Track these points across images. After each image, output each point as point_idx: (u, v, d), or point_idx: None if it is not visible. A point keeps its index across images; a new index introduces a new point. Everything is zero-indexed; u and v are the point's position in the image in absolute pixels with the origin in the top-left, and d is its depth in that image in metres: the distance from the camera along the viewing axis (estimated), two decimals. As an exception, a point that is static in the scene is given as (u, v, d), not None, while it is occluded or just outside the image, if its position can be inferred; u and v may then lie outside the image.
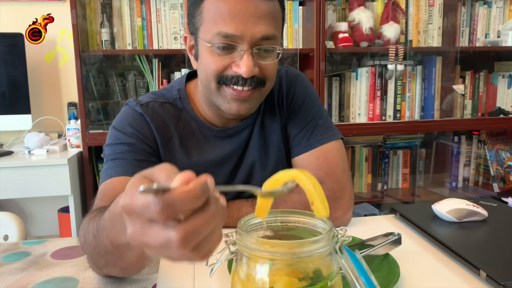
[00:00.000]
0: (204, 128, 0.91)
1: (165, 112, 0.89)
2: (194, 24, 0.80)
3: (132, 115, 0.87)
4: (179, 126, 0.89)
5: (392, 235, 0.71)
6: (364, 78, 2.12)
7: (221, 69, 0.78)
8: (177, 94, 0.92)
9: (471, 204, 0.85)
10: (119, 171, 0.79)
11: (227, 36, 0.75)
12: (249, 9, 0.74)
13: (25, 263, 0.74)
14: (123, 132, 0.85)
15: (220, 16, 0.74)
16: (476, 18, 2.22)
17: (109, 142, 0.85)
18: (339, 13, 2.12)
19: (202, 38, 0.78)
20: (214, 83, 0.79)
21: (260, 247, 0.41)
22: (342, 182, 0.88)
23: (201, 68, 0.82)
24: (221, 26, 0.74)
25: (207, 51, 0.78)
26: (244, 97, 0.80)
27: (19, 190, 1.78)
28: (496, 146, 2.36)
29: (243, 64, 0.75)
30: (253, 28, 0.74)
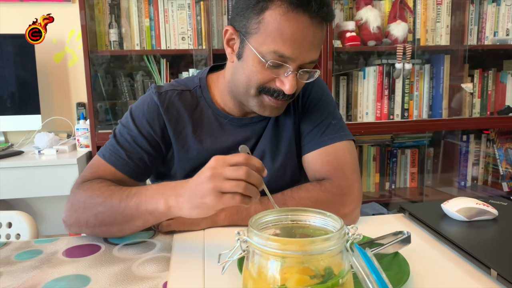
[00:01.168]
0: (220, 115, 0.95)
1: (182, 101, 0.94)
2: (247, 27, 0.81)
3: (148, 104, 0.93)
4: (195, 113, 0.94)
5: (401, 234, 0.71)
6: (371, 77, 2.12)
7: (265, 81, 0.83)
8: (198, 83, 0.97)
9: (481, 203, 0.84)
10: (111, 159, 0.88)
11: (282, 56, 0.78)
12: (308, 36, 0.78)
13: (37, 261, 0.74)
14: (135, 120, 0.91)
15: (280, 36, 0.77)
16: (485, 16, 2.20)
17: (122, 121, 0.94)
18: (347, 12, 2.12)
19: (254, 46, 0.80)
20: (254, 90, 0.84)
21: (271, 245, 0.41)
22: (351, 179, 0.89)
23: (244, 71, 0.84)
24: (279, 46, 0.77)
25: (256, 60, 0.81)
26: (278, 105, 0.87)
27: (29, 190, 1.80)
28: (505, 145, 2.34)
29: (288, 83, 0.81)
30: (306, 54, 0.79)
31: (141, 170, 0.90)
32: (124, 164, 0.88)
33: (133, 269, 0.70)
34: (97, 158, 0.90)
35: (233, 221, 0.86)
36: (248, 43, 0.81)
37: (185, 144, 0.93)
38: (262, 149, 0.96)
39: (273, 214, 0.48)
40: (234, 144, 0.94)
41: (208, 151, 0.92)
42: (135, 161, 0.89)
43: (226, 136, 0.94)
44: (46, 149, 1.88)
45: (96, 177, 0.85)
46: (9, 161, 1.78)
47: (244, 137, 0.95)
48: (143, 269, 0.70)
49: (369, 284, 0.41)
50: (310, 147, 0.94)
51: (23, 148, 2.02)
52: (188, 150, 0.93)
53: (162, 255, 0.75)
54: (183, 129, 0.93)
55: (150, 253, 0.77)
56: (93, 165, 0.89)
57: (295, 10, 0.76)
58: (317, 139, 0.93)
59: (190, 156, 0.93)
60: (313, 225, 0.48)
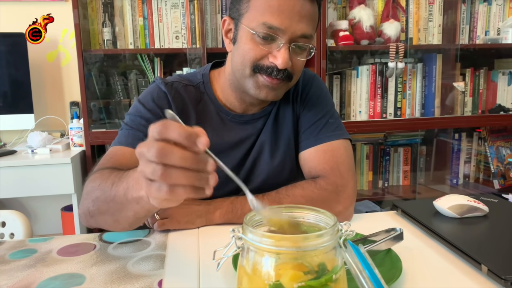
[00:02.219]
0: (222, 111, 0.96)
1: (187, 94, 0.95)
2: (239, 10, 0.85)
3: (157, 92, 0.93)
4: (198, 108, 0.95)
5: (394, 230, 0.72)
6: (364, 76, 2.13)
7: (258, 58, 0.84)
8: (201, 79, 0.98)
9: (472, 200, 0.86)
10: (129, 142, 0.86)
11: (271, 28, 0.80)
12: (296, 7, 0.80)
13: (31, 260, 0.74)
14: (145, 105, 0.91)
15: (268, 8, 0.80)
16: (476, 15, 2.23)
17: (131, 112, 0.93)
18: (340, 11, 2.13)
19: (245, 24, 0.83)
20: (249, 69, 0.85)
21: (266, 241, 0.42)
22: (346, 177, 0.90)
23: (238, 52, 0.86)
24: (268, 18, 0.80)
25: (248, 37, 0.83)
26: (274, 85, 0.86)
27: (23, 189, 1.79)
28: (496, 143, 2.37)
29: (280, 56, 0.81)
30: (296, 25, 0.80)
31: None
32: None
33: (128, 267, 0.71)
34: (112, 148, 0.87)
35: (228, 219, 0.86)
36: (241, 23, 0.84)
37: None
38: (261, 146, 0.97)
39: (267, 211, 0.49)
40: (235, 140, 0.95)
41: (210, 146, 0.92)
42: None
43: (227, 132, 0.95)
44: (40, 149, 1.87)
45: (112, 164, 0.81)
46: (2, 160, 1.77)
47: (246, 134, 0.96)
48: (138, 267, 0.71)
49: (362, 280, 0.42)
50: (307, 145, 0.95)
51: (16, 148, 2.00)
52: None
53: (157, 253, 0.76)
54: (187, 121, 0.94)
55: (145, 251, 0.77)
56: (109, 154, 0.86)
57: None
58: (314, 137, 0.95)
59: None
60: (306, 222, 0.49)
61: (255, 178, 0.96)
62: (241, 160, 0.96)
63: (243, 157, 0.96)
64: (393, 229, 0.72)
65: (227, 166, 0.53)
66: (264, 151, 0.96)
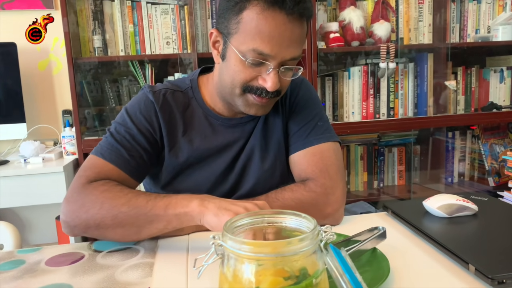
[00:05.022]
0: (210, 115, 0.96)
1: (175, 101, 0.95)
2: (228, 28, 0.83)
3: (144, 102, 0.93)
4: (186, 113, 0.95)
5: (377, 229, 0.72)
6: (356, 77, 2.14)
7: (248, 80, 0.84)
8: (189, 84, 0.98)
9: (461, 199, 0.86)
10: (112, 158, 0.86)
11: (261, 54, 0.80)
12: (286, 33, 0.79)
13: (19, 271, 0.74)
14: (132, 118, 0.91)
15: (259, 34, 0.79)
16: (466, 14, 2.23)
17: (118, 120, 0.93)
18: (330, 13, 2.14)
19: (235, 46, 0.82)
20: (239, 89, 0.86)
21: (245, 248, 0.42)
22: (335, 180, 0.90)
23: (228, 71, 0.86)
24: (258, 44, 0.79)
25: (238, 60, 0.82)
26: (263, 103, 0.87)
27: (16, 199, 1.78)
28: (490, 140, 2.37)
29: (270, 80, 0.82)
30: (286, 51, 0.80)
31: (142, 168, 0.90)
32: (126, 163, 0.87)
33: (116, 276, 0.70)
34: (95, 158, 0.87)
35: None
36: (230, 43, 0.83)
37: (175, 144, 0.93)
38: (251, 149, 0.96)
39: (249, 217, 0.49)
40: (224, 144, 0.95)
41: (197, 151, 0.94)
42: (136, 159, 0.88)
43: (216, 136, 0.95)
44: (32, 158, 1.87)
45: (102, 178, 0.84)
46: (-5, 170, 1.76)
47: (234, 137, 0.96)
48: (126, 275, 0.70)
49: (342, 284, 0.42)
50: (296, 148, 0.95)
51: (8, 157, 1.99)
52: (178, 151, 0.93)
53: (146, 261, 0.75)
54: (175, 129, 0.94)
55: (134, 259, 0.76)
56: (95, 165, 0.86)
57: (271, 8, 0.77)
58: (303, 140, 0.95)
59: (180, 157, 0.93)
60: (288, 227, 0.48)
61: (245, 182, 0.95)
62: (230, 163, 0.96)
63: (232, 161, 0.96)
64: (376, 228, 0.73)
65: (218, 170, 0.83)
66: (254, 155, 0.96)
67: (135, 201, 0.77)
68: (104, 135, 0.92)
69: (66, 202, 0.82)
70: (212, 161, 0.94)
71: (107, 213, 0.77)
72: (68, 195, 0.82)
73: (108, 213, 0.77)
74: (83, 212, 0.79)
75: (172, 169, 0.95)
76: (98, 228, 0.78)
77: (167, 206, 0.75)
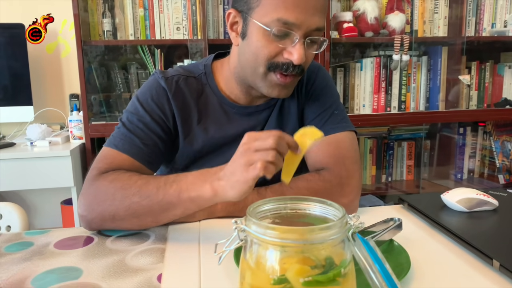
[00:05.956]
0: (225, 103, 0.93)
1: (188, 87, 0.92)
2: (248, 3, 0.80)
3: (156, 88, 0.90)
4: (200, 101, 0.92)
5: (392, 221, 0.70)
6: (368, 69, 2.10)
7: (273, 55, 0.80)
8: (203, 69, 0.95)
9: (481, 193, 0.83)
10: (126, 148, 0.83)
11: (286, 23, 0.77)
12: (310, 1, 0.77)
13: (28, 253, 0.72)
14: (144, 106, 0.88)
15: (282, 3, 0.76)
16: (483, 7, 2.18)
17: (129, 109, 0.89)
18: (344, 2, 2.09)
19: (257, 19, 0.79)
20: (263, 67, 0.82)
21: (270, 233, 0.39)
22: (350, 170, 0.87)
23: (250, 48, 0.82)
24: (282, 13, 0.76)
25: (260, 34, 0.79)
26: (287, 83, 0.84)
27: (22, 182, 1.77)
28: (501, 137, 2.34)
29: (296, 52, 0.78)
30: (311, 19, 0.77)
31: (157, 157, 0.87)
32: (140, 152, 0.84)
33: (126, 261, 0.68)
34: (108, 149, 0.84)
35: (230, 212, 0.84)
36: (251, 18, 0.80)
37: (190, 133, 0.91)
38: None
39: (272, 202, 0.46)
40: (239, 132, 0.92)
41: (212, 139, 0.91)
42: (151, 148, 0.85)
43: (231, 124, 0.93)
44: (39, 141, 1.85)
45: (114, 168, 0.80)
46: (1, 153, 1.75)
47: (249, 126, 0.94)
48: (137, 261, 0.68)
49: (372, 275, 0.40)
50: None
51: (15, 140, 1.98)
52: (193, 139, 0.91)
53: (157, 247, 0.74)
54: (189, 117, 0.91)
55: (144, 245, 0.75)
56: (107, 156, 0.83)
57: None
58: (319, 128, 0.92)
59: (195, 145, 0.91)
60: (313, 214, 0.46)
61: None
62: None
63: None
64: (391, 219, 0.70)
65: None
66: None
67: (146, 189, 0.73)
68: (116, 126, 0.88)
69: (81, 196, 0.79)
70: (227, 149, 0.92)
71: (120, 204, 0.74)
72: (83, 189, 0.80)
73: (121, 204, 0.74)
74: (96, 204, 0.76)
75: (187, 157, 0.93)
76: (114, 220, 0.75)
77: (179, 193, 0.71)
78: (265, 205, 0.46)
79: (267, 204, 0.46)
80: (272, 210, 0.46)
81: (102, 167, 0.80)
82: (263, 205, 0.46)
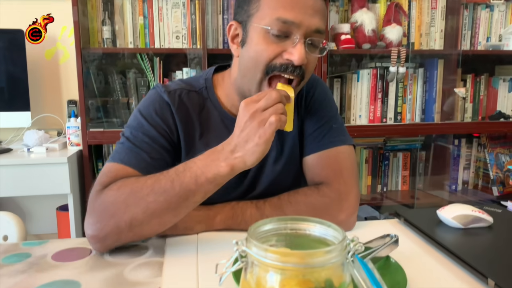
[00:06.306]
0: (226, 118, 0.93)
1: (190, 101, 0.91)
2: (248, 11, 0.81)
3: (159, 102, 0.89)
4: (202, 115, 0.92)
5: (389, 237, 0.71)
6: (365, 80, 2.12)
7: (272, 57, 0.79)
8: (204, 83, 0.95)
9: (477, 210, 0.84)
10: (131, 161, 0.81)
11: (285, 23, 0.77)
12: (309, 1, 0.78)
13: (25, 265, 0.72)
14: (148, 120, 0.86)
15: (281, 2, 0.77)
16: (478, 21, 2.22)
17: (132, 125, 0.87)
18: (342, 14, 2.12)
19: (257, 23, 0.79)
20: (261, 73, 0.81)
21: (271, 257, 0.40)
22: (349, 184, 0.88)
23: (249, 53, 0.82)
24: (281, 12, 0.77)
25: (260, 36, 0.79)
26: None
27: (18, 188, 1.76)
28: (496, 149, 2.36)
29: (297, 51, 0.78)
30: (310, 20, 0.78)
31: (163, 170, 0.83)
32: (147, 166, 0.81)
33: (125, 274, 0.69)
34: (112, 164, 0.81)
35: (228, 225, 0.85)
36: (251, 24, 0.81)
37: (192, 147, 0.90)
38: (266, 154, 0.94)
39: (272, 223, 0.47)
40: None
41: None
42: (159, 161, 0.83)
43: None
44: (36, 147, 1.85)
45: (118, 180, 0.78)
46: (-3, 158, 1.74)
47: None
48: (135, 274, 0.69)
49: (370, 298, 0.41)
50: (311, 150, 0.93)
51: (11, 146, 1.98)
52: (195, 154, 0.87)
53: (155, 260, 0.74)
54: (191, 132, 0.90)
55: (143, 258, 0.75)
56: (111, 170, 0.80)
57: None
58: (318, 142, 0.93)
59: None
60: (313, 235, 0.47)
61: (259, 185, 0.93)
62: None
63: None
64: (388, 235, 0.71)
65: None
66: (268, 157, 0.93)
67: (159, 185, 0.72)
68: (118, 142, 0.86)
69: (87, 216, 0.75)
70: None
71: (135, 208, 0.71)
72: (88, 209, 0.76)
73: (137, 208, 0.71)
74: (108, 217, 0.72)
75: None
76: (131, 228, 0.72)
77: (196, 179, 0.71)
78: (266, 225, 0.47)
79: (267, 225, 0.47)
80: (273, 230, 0.47)
81: (106, 181, 0.77)
82: (264, 226, 0.46)
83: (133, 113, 0.90)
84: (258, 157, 0.71)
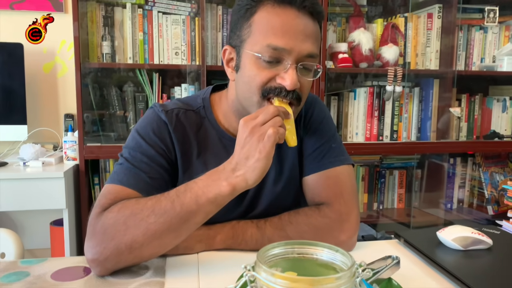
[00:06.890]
0: (224, 137, 0.93)
1: (188, 121, 0.91)
2: (240, 37, 0.82)
3: (156, 122, 0.89)
4: (199, 134, 0.92)
5: (390, 258, 0.71)
6: (362, 98, 2.14)
7: (265, 81, 0.80)
8: (201, 103, 0.95)
9: (476, 232, 0.85)
10: (131, 182, 0.81)
11: (276, 49, 0.78)
12: (299, 27, 0.78)
13: (25, 284, 0.71)
14: (146, 140, 0.86)
15: (271, 29, 0.78)
16: (472, 42, 2.26)
17: (130, 145, 0.87)
18: (339, 33, 2.15)
19: (249, 49, 0.80)
20: (257, 96, 0.81)
21: (280, 282, 0.40)
22: (349, 205, 0.88)
23: (243, 79, 0.83)
24: (271, 39, 0.77)
25: (252, 62, 0.80)
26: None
27: (13, 203, 1.74)
28: (490, 168, 2.38)
29: (288, 77, 0.78)
30: (301, 45, 0.78)
31: (163, 190, 0.81)
32: (147, 186, 0.80)
33: (125, 295, 0.68)
34: (111, 186, 0.80)
35: (228, 245, 0.84)
36: (244, 49, 0.81)
37: (190, 167, 0.89)
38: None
39: (280, 247, 0.47)
40: None
41: None
42: (158, 181, 0.83)
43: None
44: (32, 161, 1.83)
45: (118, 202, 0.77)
46: (-8, 172, 1.72)
47: None
48: (136, 295, 0.68)
49: (379, 324, 0.41)
50: (310, 170, 0.94)
51: (7, 159, 1.96)
52: (193, 173, 0.88)
53: (156, 280, 0.73)
54: (189, 151, 0.90)
55: (143, 278, 0.74)
56: (111, 192, 0.79)
57: (281, 5, 0.78)
58: (317, 163, 0.93)
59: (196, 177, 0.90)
60: (320, 259, 0.47)
61: (259, 205, 0.93)
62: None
63: None
64: (389, 256, 0.71)
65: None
66: (268, 177, 0.93)
67: (159, 207, 0.71)
68: (117, 163, 0.85)
69: (87, 240, 0.74)
70: None
71: (135, 230, 0.71)
72: (88, 232, 0.75)
73: (137, 230, 0.71)
74: (108, 240, 0.72)
75: None
76: (131, 251, 0.71)
77: (196, 199, 0.71)
78: (273, 249, 0.47)
79: (275, 249, 0.47)
80: (280, 254, 0.47)
81: (106, 203, 0.76)
82: (271, 250, 0.47)
83: (131, 133, 0.90)
84: (259, 173, 0.72)
